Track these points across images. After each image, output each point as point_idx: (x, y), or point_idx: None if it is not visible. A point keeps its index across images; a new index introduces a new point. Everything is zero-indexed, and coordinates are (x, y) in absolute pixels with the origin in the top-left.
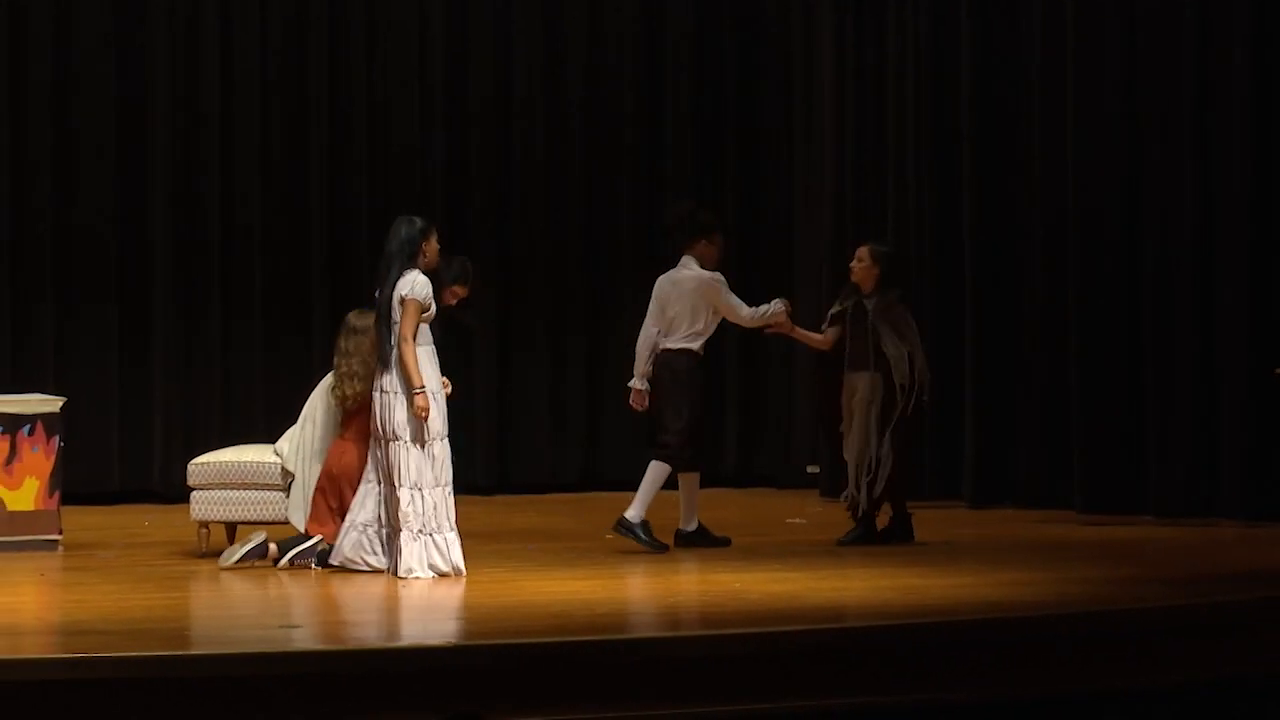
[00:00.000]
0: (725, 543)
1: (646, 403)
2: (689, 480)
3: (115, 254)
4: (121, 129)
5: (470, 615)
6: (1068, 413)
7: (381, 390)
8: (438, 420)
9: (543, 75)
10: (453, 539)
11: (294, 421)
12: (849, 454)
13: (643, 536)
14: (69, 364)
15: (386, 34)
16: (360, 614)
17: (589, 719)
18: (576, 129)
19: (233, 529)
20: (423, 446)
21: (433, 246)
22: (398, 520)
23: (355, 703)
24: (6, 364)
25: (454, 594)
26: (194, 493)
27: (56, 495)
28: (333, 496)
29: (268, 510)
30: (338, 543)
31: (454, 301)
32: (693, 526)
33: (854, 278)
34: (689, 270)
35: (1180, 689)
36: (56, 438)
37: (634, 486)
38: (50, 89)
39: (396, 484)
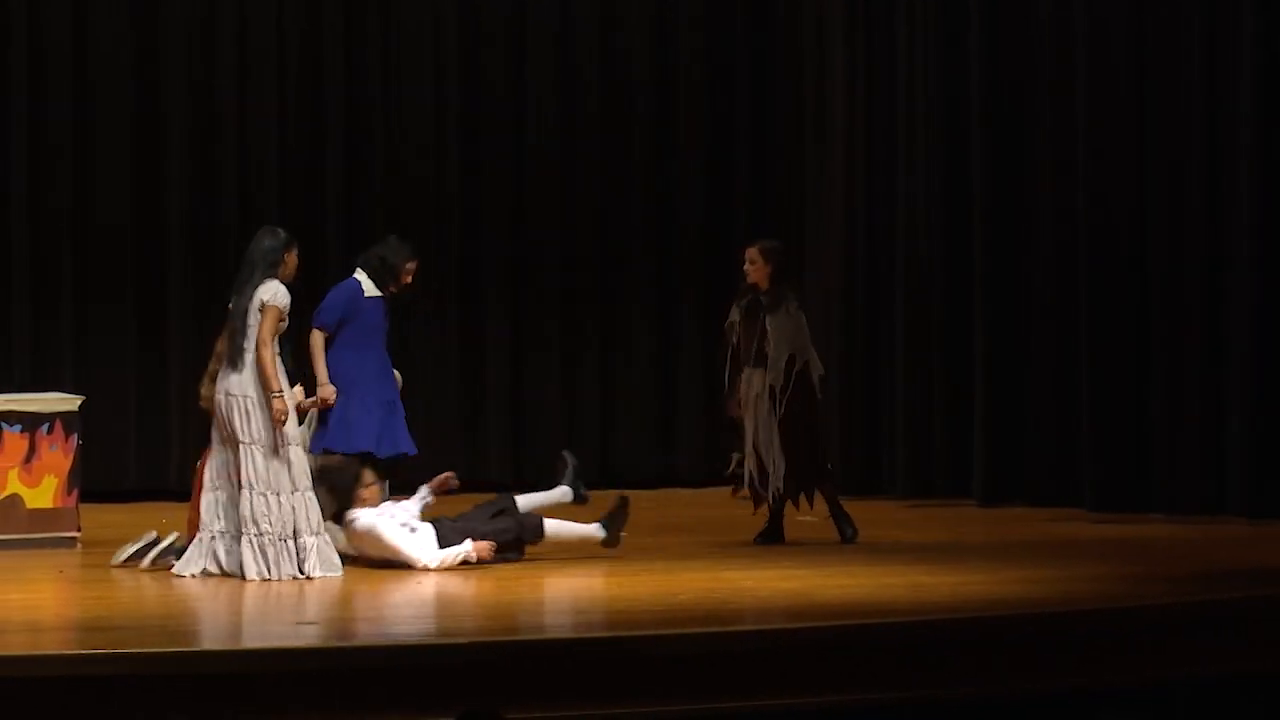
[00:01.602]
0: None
1: None
2: None
3: (132, 255)
4: (138, 131)
5: (484, 612)
6: (1077, 411)
7: (228, 394)
8: (292, 426)
9: (555, 75)
10: (313, 543)
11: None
12: (746, 450)
13: None
14: (87, 363)
15: (401, 35)
16: (374, 611)
17: (602, 714)
18: (589, 132)
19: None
20: (277, 451)
21: (292, 260)
22: (242, 525)
23: (369, 699)
24: (25, 363)
25: (468, 591)
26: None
27: (75, 493)
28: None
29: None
30: (191, 549)
31: (409, 280)
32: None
33: (750, 279)
34: None
35: (1188, 686)
36: (75, 436)
37: (648, 485)
38: (69, 91)
39: (245, 488)
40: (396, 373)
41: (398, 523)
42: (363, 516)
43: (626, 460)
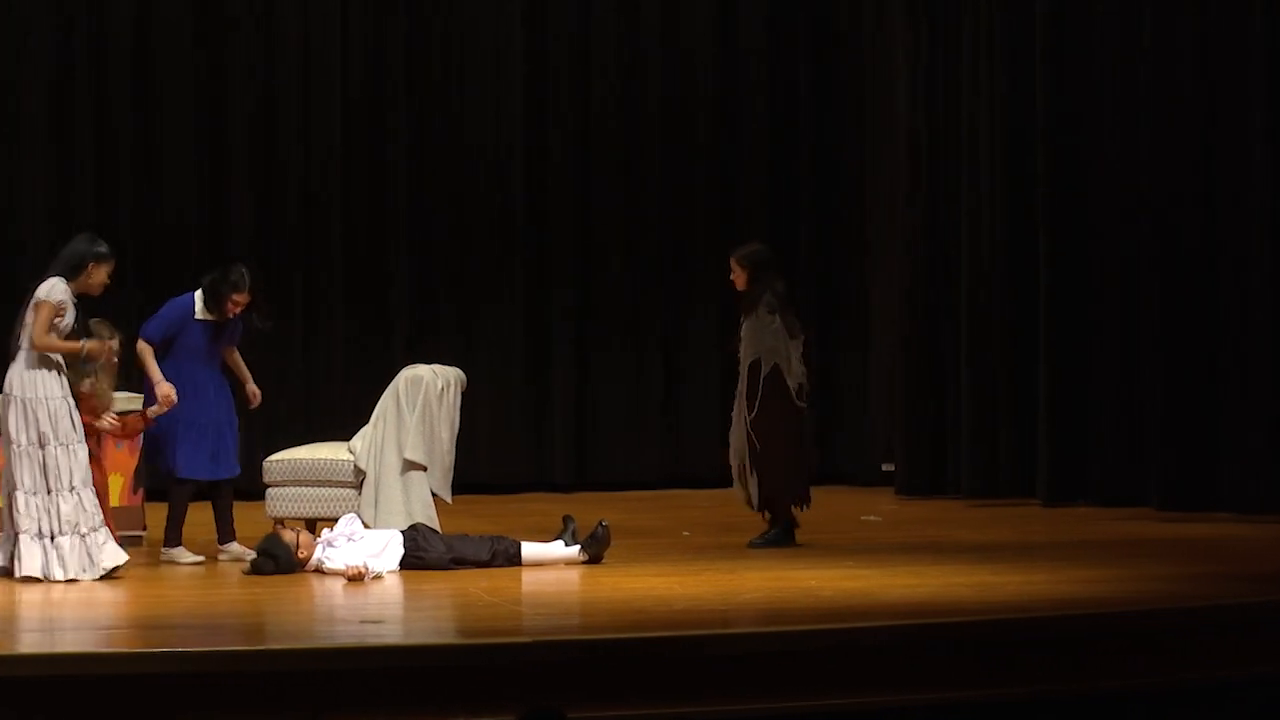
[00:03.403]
0: None
1: None
2: None
3: (196, 254)
4: (203, 133)
5: (549, 611)
6: (1144, 410)
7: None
8: (45, 425)
9: (619, 78)
10: (66, 542)
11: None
12: (732, 453)
13: None
14: None
15: (465, 36)
16: (441, 609)
17: (666, 713)
18: (653, 134)
19: (311, 525)
20: (42, 449)
21: (100, 274)
22: (18, 523)
23: (433, 698)
24: None
25: (532, 590)
26: (269, 489)
27: (141, 492)
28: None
29: (341, 507)
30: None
31: (237, 310)
32: None
33: (737, 289)
34: None
35: (1256, 686)
36: (140, 436)
37: (711, 485)
38: (130, 94)
39: (14, 488)
40: (257, 389)
41: (332, 544)
42: (317, 559)
43: (690, 460)
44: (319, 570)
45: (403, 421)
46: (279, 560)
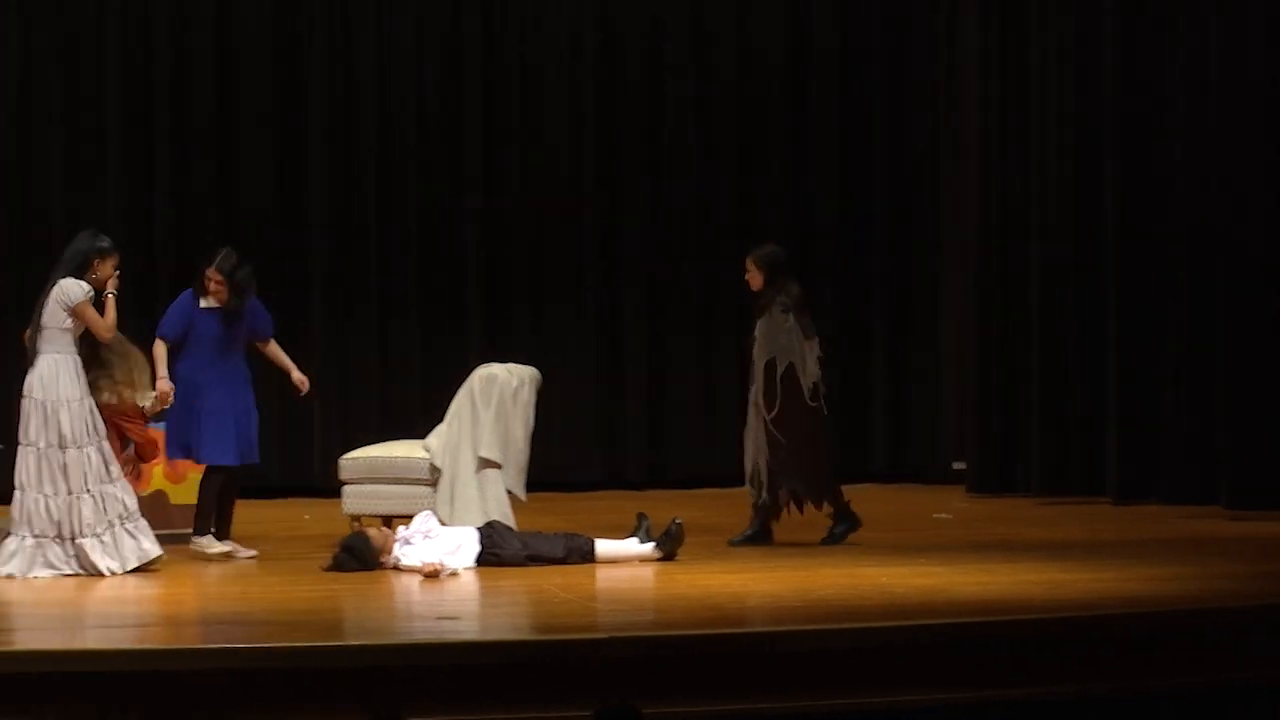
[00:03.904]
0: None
1: None
2: None
3: (275, 254)
4: (280, 131)
5: (624, 607)
6: (1213, 408)
7: (22, 396)
8: (66, 428)
9: (693, 72)
10: (86, 544)
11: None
12: (746, 454)
13: None
14: None
15: (540, 36)
16: (516, 606)
17: (740, 709)
18: (726, 134)
19: (387, 522)
20: (63, 452)
21: (106, 268)
22: (34, 525)
23: (511, 693)
24: None
25: (606, 587)
26: (345, 487)
27: None
28: None
29: (416, 504)
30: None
31: (217, 291)
32: None
33: (752, 289)
34: None
35: None
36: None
37: None
38: (212, 95)
39: (34, 490)
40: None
41: (408, 541)
42: (394, 556)
43: None
44: (396, 567)
45: (478, 420)
46: (360, 557)
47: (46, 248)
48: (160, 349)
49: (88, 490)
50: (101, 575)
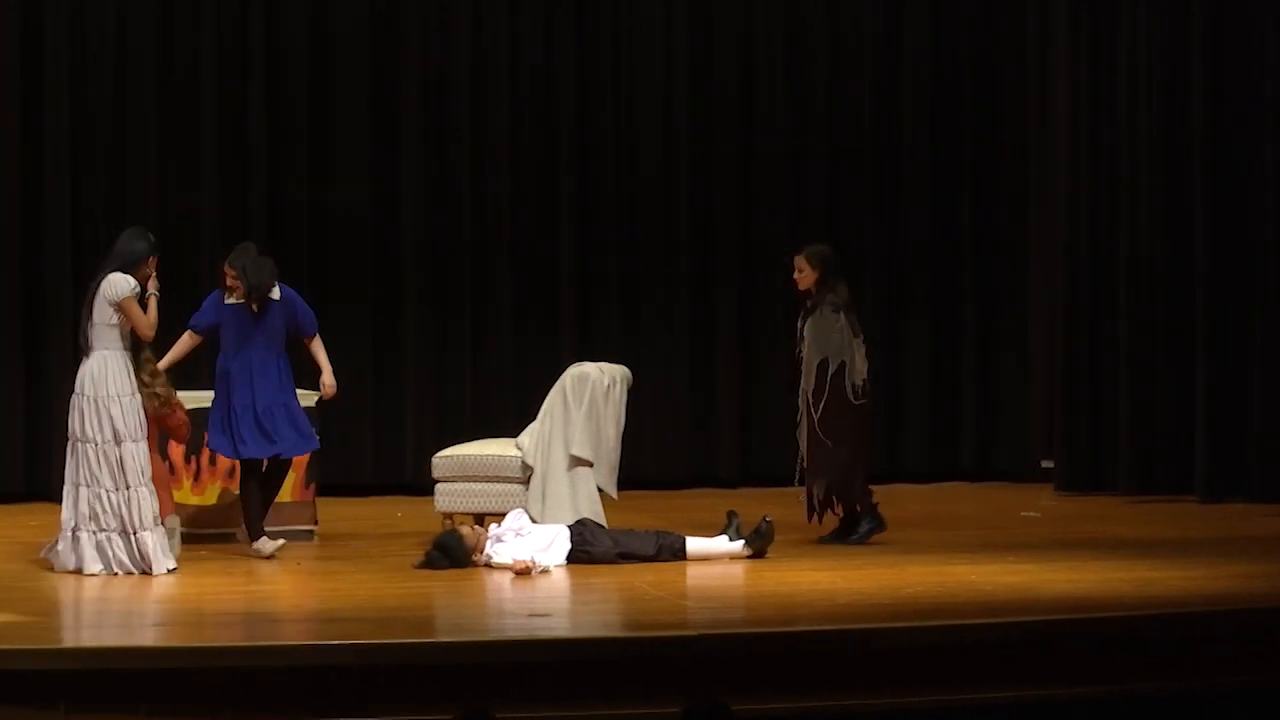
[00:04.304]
0: None
1: None
2: None
3: (368, 253)
4: (375, 127)
5: (714, 604)
6: None
7: (73, 393)
8: (120, 423)
9: (785, 75)
10: (146, 537)
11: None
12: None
13: None
14: None
15: (633, 36)
16: (607, 603)
17: (829, 706)
18: (818, 134)
19: (479, 520)
20: (118, 446)
21: (149, 269)
22: (100, 520)
23: (601, 689)
24: None
25: (697, 584)
26: (438, 485)
27: (312, 487)
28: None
29: (508, 502)
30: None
31: (233, 286)
32: None
33: (800, 288)
34: None
35: None
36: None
37: (874, 480)
38: (306, 91)
39: (82, 485)
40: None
41: (500, 539)
42: (486, 553)
43: None
44: (488, 565)
45: (570, 418)
46: (452, 555)
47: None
48: (184, 338)
49: (144, 484)
50: (150, 573)
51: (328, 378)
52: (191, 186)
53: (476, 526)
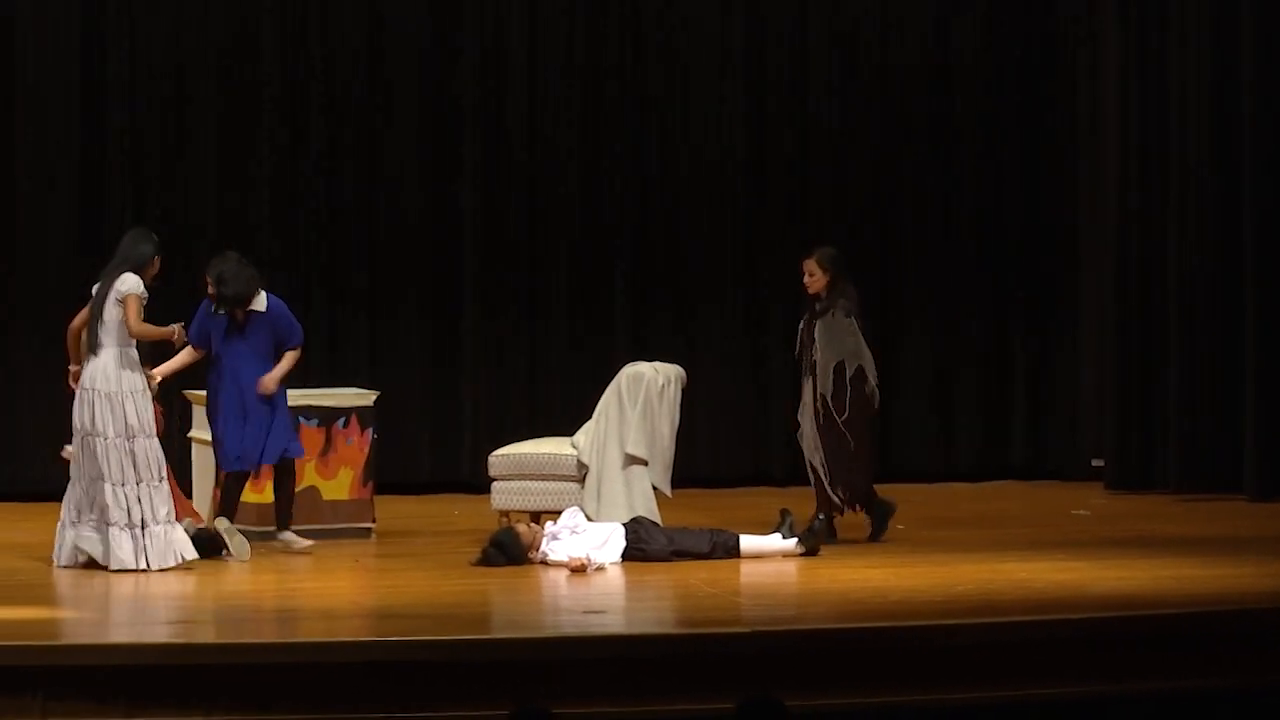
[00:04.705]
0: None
1: None
2: None
3: (426, 254)
4: (432, 131)
5: (768, 601)
6: None
7: (82, 387)
8: (133, 418)
9: (839, 74)
10: (158, 531)
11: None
12: (813, 455)
13: None
14: (382, 360)
15: (687, 35)
16: (662, 600)
17: (881, 702)
18: (869, 132)
19: (535, 518)
20: (130, 441)
21: (155, 269)
22: (108, 514)
23: (656, 685)
24: (324, 360)
25: (750, 582)
26: (494, 483)
27: (370, 485)
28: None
29: (564, 500)
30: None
31: (211, 295)
32: None
33: (810, 291)
34: None
35: None
36: (370, 430)
37: (928, 479)
38: (365, 90)
39: (104, 479)
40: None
41: (555, 537)
42: (542, 551)
43: (905, 455)
44: (543, 562)
45: (625, 417)
46: (508, 552)
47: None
48: (186, 350)
49: (156, 480)
50: (151, 568)
51: (270, 375)
52: (249, 187)
53: (532, 524)
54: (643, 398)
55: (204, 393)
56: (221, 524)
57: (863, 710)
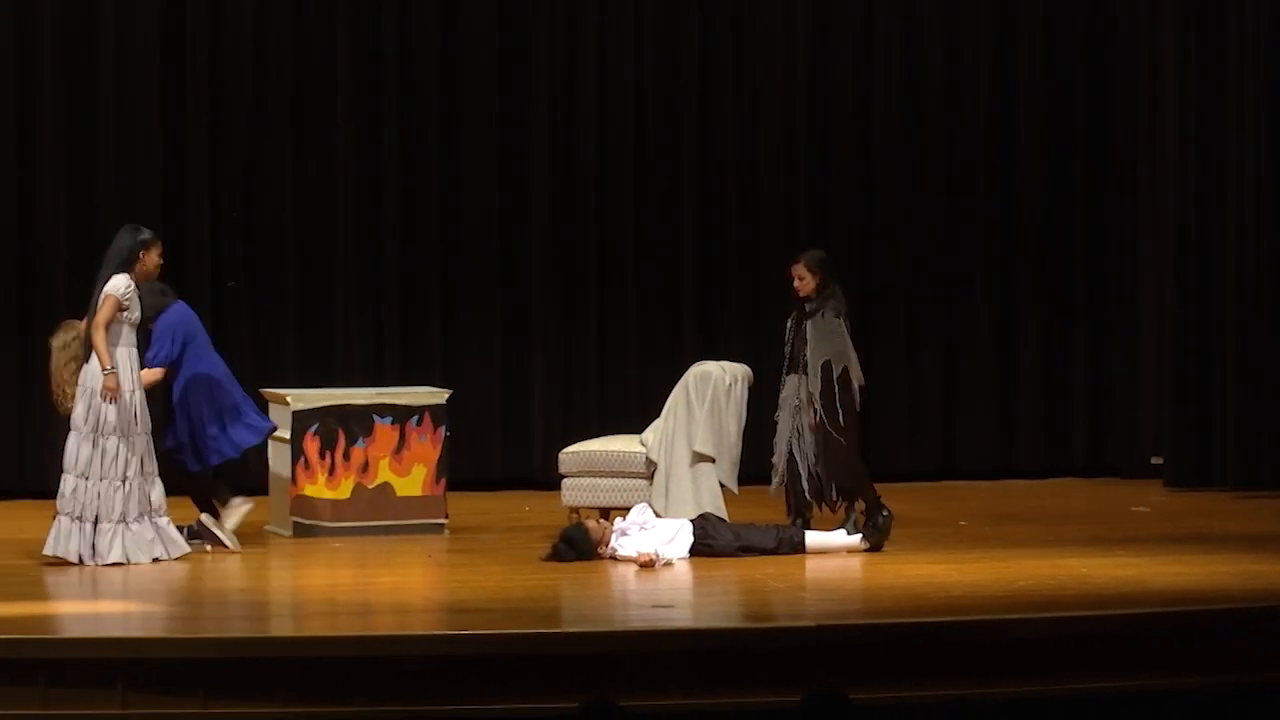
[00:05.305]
0: None
1: None
2: None
3: (498, 254)
4: (503, 133)
5: (833, 596)
6: None
7: (82, 387)
8: (113, 415)
9: (900, 74)
10: (106, 529)
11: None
12: (777, 452)
13: None
14: (455, 358)
15: (755, 34)
16: (729, 595)
17: (945, 695)
18: (933, 131)
19: (605, 514)
20: (103, 437)
21: (152, 258)
22: (61, 503)
23: (723, 678)
24: (397, 359)
25: (816, 577)
26: (565, 480)
27: (443, 482)
28: None
29: (633, 497)
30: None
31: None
32: None
33: (800, 294)
34: None
35: None
36: (443, 428)
37: (990, 476)
38: (437, 94)
39: (66, 471)
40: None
41: (624, 533)
42: (611, 546)
43: (968, 452)
44: (613, 557)
45: (692, 415)
46: (578, 548)
47: (281, 258)
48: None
49: (120, 479)
50: (84, 563)
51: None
52: (328, 187)
53: (602, 520)
54: (710, 396)
55: (282, 391)
56: (208, 520)
57: (925, 703)
